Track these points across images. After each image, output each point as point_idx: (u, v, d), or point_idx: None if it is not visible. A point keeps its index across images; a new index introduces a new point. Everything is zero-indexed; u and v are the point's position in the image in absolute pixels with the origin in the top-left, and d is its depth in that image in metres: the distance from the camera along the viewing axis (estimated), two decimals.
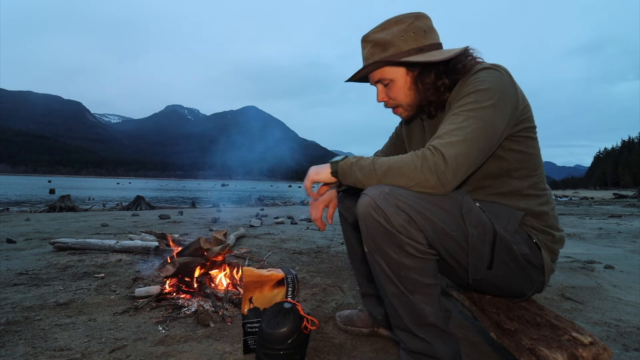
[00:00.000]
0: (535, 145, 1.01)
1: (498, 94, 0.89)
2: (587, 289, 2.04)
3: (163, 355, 1.21)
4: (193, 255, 1.92)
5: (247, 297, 1.24)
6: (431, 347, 0.91)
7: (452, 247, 0.89)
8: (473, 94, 0.90)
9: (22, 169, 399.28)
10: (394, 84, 1.07)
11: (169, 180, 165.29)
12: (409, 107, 1.10)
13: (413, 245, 0.86)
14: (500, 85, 0.91)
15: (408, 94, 1.07)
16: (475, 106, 0.88)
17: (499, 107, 0.88)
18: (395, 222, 0.85)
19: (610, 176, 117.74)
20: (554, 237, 1.02)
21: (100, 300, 1.73)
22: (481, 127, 0.86)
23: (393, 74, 1.05)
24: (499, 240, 0.91)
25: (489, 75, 0.93)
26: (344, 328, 1.43)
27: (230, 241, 3.10)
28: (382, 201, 0.86)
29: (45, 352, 1.21)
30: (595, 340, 0.81)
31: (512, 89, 0.93)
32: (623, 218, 7.28)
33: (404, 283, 0.88)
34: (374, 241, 0.89)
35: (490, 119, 0.87)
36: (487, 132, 0.87)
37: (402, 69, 1.04)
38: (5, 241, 3.20)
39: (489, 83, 0.91)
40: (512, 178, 1.00)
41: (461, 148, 0.84)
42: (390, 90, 1.08)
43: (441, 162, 0.83)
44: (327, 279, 2.18)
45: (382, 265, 0.90)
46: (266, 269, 1.31)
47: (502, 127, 0.90)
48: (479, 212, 0.92)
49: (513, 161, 0.99)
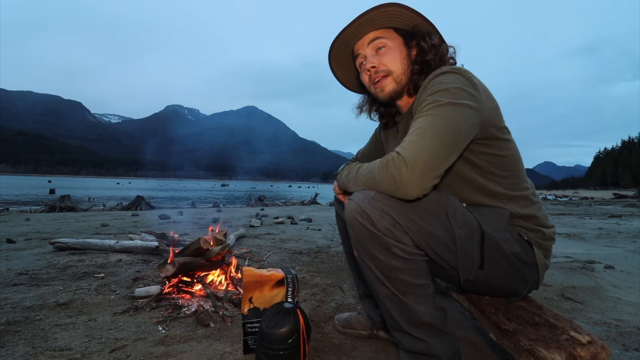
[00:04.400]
0: (509, 147, 1.00)
1: (456, 93, 0.89)
2: (587, 289, 2.05)
3: (163, 355, 1.21)
4: (193, 255, 1.92)
5: (247, 297, 1.24)
6: (429, 346, 0.91)
7: (439, 249, 0.89)
8: (430, 96, 0.91)
9: (22, 169, 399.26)
10: (389, 49, 1.08)
11: (169, 180, 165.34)
12: (398, 78, 1.08)
13: (400, 247, 0.87)
14: (459, 85, 0.91)
15: (403, 63, 1.07)
16: (433, 105, 0.88)
17: (458, 104, 0.87)
18: (380, 225, 0.86)
19: (610, 176, 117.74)
20: (544, 234, 1.02)
21: (100, 300, 1.73)
22: (440, 123, 0.84)
23: (391, 38, 1.08)
24: (487, 240, 0.91)
25: (447, 78, 0.94)
26: (343, 331, 1.43)
27: (230, 241, 3.10)
28: (367, 205, 0.87)
29: (45, 352, 1.21)
30: (593, 340, 0.81)
31: (473, 90, 0.93)
32: (623, 218, 7.29)
33: (395, 284, 0.89)
34: (362, 245, 0.90)
35: (449, 114, 0.85)
36: (448, 127, 0.84)
37: (400, 39, 1.08)
38: (5, 241, 3.21)
39: (447, 84, 0.91)
40: (489, 181, 1.00)
41: (421, 145, 0.82)
42: (384, 56, 1.08)
43: (402, 164, 0.81)
44: (327, 279, 2.18)
45: (371, 268, 0.91)
46: (266, 269, 1.31)
47: (465, 122, 0.87)
48: (465, 213, 0.92)
49: (487, 165, 0.98)
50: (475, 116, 0.90)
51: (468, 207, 0.96)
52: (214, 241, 2.15)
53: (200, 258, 1.95)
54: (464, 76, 0.94)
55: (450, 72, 0.95)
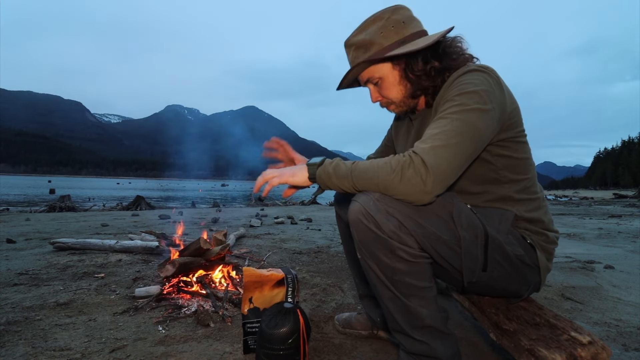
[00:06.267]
0: (524, 149, 1.00)
1: (484, 97, 0.86)
2: (587, 289, 2.05)
3: (163, 355, 1.21)
4: (193, 255, 1.92)
5: (247, 297, 1.24)
6: (430, 348, 0.91)
7: (444, 251, 0.89)
8: (458, 97, 0.88)
9: (22, 169, 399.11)
10: (383, 81, 1.06)
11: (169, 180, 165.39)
12: (401, 103, 1.09)
13: (405, 249, 0.85)
14: (487, 87, 0.89)
15: (399, 89, 1.06)
16: (460, 109, 0.85)
17: (485, 110, 0.85)
18: (385, 228, 0.84)
19: (610, 176, 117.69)
20: (547, 237, 1.02)
21: (100, 300, 1.73)
22: (465, 130, 0.83)
23: (380, 71, 1.04)
24: (491, 242, 0.91)
25: (475, 77, 0.91)
26: (343, 331, 1.43)
27: (230, 241, 3.10)
28: (372, 207, 0.85)
29: (45, 352, 1.21)
30: (593, 340, 0.81)
31: (499, 92, 0.91)
32: (623, 218, 7.28)
33: (398, 287, 0.88)
34: (365, 247, 0.89)
35: (475, 122, 0.84)
36: (472, 136, 0.83)
37: (388, 64, 1.03)
38: (5, 241, 3.21)
39: (475, 85, 0.88)
40: (502, 183, 0.99)
41: (444, 152, 0.80)
42: (381, 88, 1.08)
43: (423, 169, 0.79)
44: (327, 279, 2.18)
45: (375, 271, 0.89)
46: (266, 269, 1.31)
47: (487, 130, 0.87)
48: (470, 215, 0.91)
49: (502, 166, 0.97)
50: (499, 120, 0.89)
51: (472, 208, 0.95)
52: (214, 241, 2.15)
53: (200, 258, 1.95)
54: (491, 76, 0.92)
55: (478, 71, 0.93)
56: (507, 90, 0.96)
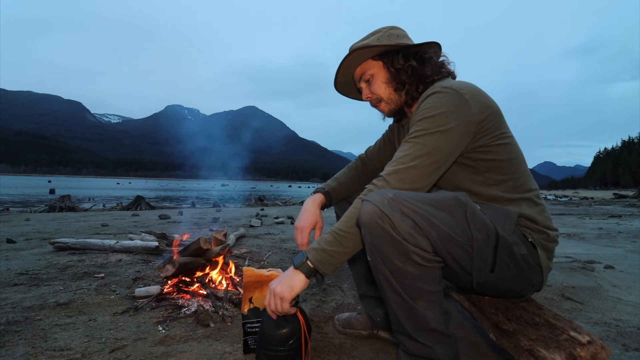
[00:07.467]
0: (509, 150, 1.02)
1: (444, 119, 0.94)
2: (587, 289, 2.05)
3: (163, 355, 1.21)
4: (193, 256, 1.93)
5: (247, 297, 1.24)
6: (432, 351, 0.91)
7: (457, 253, 0.88)
8: (420, 122, 0.97)
9: (22, 169, 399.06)
10: (373, 78, 1.17)
11: (169, 180, 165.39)
12: (389, 100, 1.18)
13: (419, 253, 0.85)
14: (447, 108, 0.95)
15: (385, 86, 1.16)
16: (421, 133, 0.95)
17: (444, 131, 0.94)
18: (401, 229, 0.83)
19: (610, 176, 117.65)
20: (548, 235, 1.02)
21: (100, 300, 1.73)
22: (426, 152, 0.93)
23: (372, 69, 1.16)
24: (501, 243, 0.91)
25: (437, 100, 0.98)
26: (343, 331, 1.43)
27: (230, 241, 3.10)
28: (387, 207, 0.84)
29: (45, 352, 1.21)
30: (593, 339, 0.81)
31: (463, 108, 0.95)
32: (623, 218, 7.29)
33: (408, 291, 0.87)
34: (378, 250, 0.87)
35: (435, 143, 0.94)
36: (434, 157, 0.94)
37: (379, 63, 1.15)
38: (5, 241, 3.21)
39: (436, 109, 0.96)
40: (490, 185, 1.02)
41: (405, 175, 0.93)
42: (372, 86, 1.18)
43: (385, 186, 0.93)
44: (327, 278, 2.18)
45: (386, 274, 0.88)
46: (266, 269, 1.31)
47: (450, 146, 0.95)
48: (482, 215, 0.91)
49: (485, 169, 1.01)
50: (466, 133, 0.96)
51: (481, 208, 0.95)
52: (214, 241, 2.15)
53: (200, 258, 1.95)
54: (453, 95, 0.97)
55: (440, 93, 0.99)
56: (476, 99, 0.98)
